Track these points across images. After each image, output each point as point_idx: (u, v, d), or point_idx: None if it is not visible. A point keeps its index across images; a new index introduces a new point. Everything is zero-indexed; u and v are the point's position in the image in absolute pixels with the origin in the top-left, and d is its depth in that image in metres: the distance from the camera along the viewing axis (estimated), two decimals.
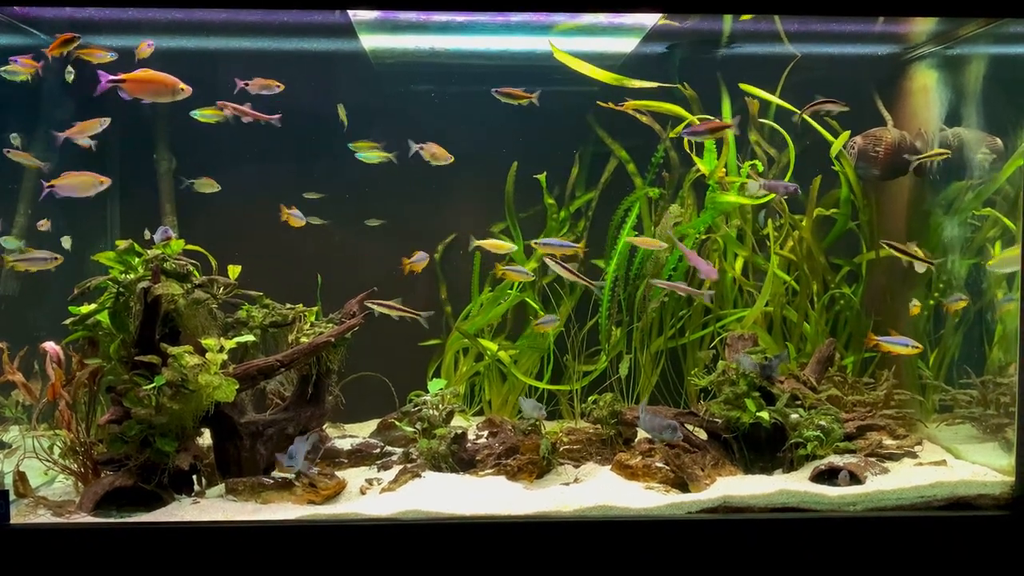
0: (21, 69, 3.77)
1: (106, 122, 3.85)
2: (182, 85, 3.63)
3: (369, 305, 3.98)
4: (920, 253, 4.03)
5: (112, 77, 3.59)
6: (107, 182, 3.82)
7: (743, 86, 4.51)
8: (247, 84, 3.96)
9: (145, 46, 3.85)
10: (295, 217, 4.37)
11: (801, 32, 4.41)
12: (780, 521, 3.22)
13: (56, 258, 3.92)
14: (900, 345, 3.93)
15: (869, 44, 4.57)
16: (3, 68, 3.79)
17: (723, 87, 4.56)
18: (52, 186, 3.75)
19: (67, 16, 4.01)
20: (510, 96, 4.10)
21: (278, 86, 4.05)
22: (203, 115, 4.09)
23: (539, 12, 3.97)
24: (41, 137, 4.12)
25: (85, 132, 3.85)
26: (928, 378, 4.36)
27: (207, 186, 4.38)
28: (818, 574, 3.15)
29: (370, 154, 4.34)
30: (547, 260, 4.23)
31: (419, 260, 4.34)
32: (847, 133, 4.40)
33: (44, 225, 4.10)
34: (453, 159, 4.30)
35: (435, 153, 4.21)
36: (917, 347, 3.94)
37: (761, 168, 4.51)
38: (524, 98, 4.08)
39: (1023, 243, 3.37)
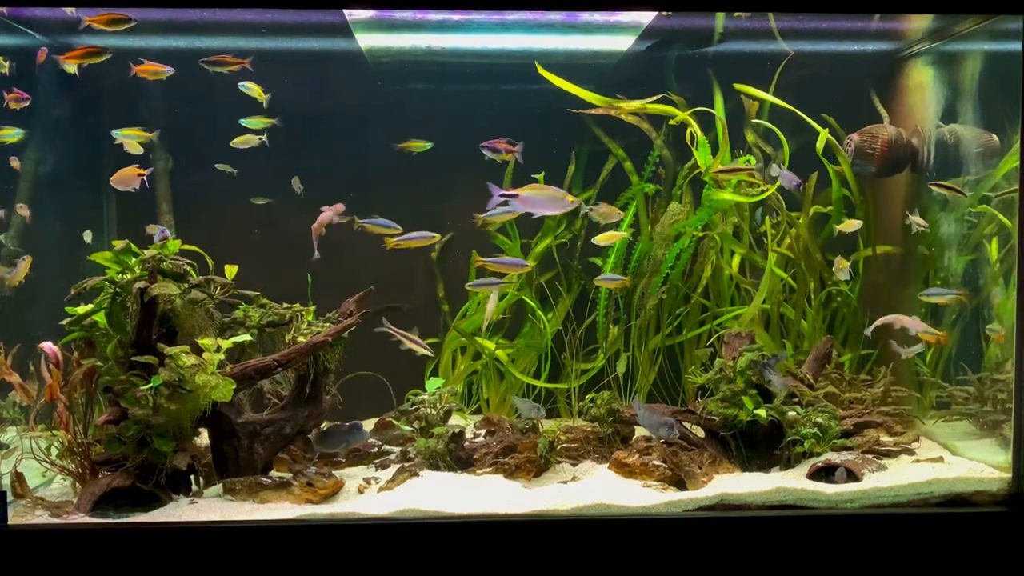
0: (15, 105, 3.84)
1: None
2: (571, 198, 3.76)
3: (389, 329, 3.96)
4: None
5: (504, 192, 3.75)
6: (145, 173, 3.93)
7: (737, 86, 4.51)
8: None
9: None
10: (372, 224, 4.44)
11: (797, 29, 4.41)
12: (777, 518, 3.22)
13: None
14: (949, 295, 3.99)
15: (865, 41, 4.57)
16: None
17: (716, 85, 4.56)
18: None
19: (61, 16, 3.99)
20: (220, 63, 4.05)
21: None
22: (124, 135, 4.17)
23: (535, 11, 3.97)
24: (37, 132, 4.13)
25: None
26: (925, 375, 4.37)
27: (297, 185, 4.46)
28: (815, 572, 3.16)
29: (254, 120, 4.34)
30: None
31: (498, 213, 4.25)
32: (826, 132, 4.41)
33: (23, 210, 4.09)
34: (622, 215, 4.38)
35: (604, 212, 4.27)
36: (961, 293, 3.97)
37: (755, 162, 4.51)
38: (236, 63, 4.02)
39: (1020, 240, 3.37)
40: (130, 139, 4.16)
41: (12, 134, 3.93)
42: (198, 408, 3.28)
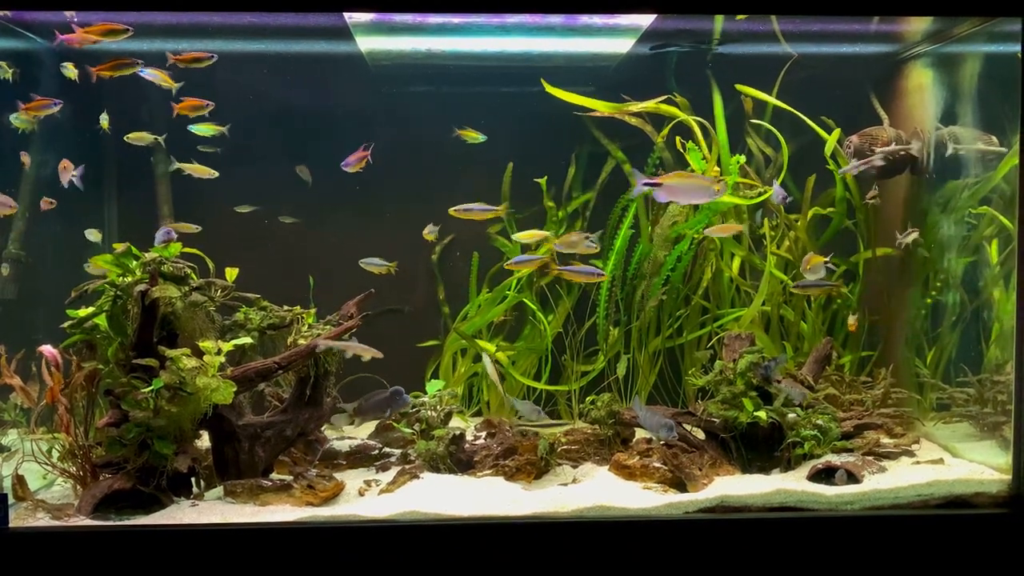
0: (27, 117, 3.90)
1: None
2: (717, 186, 3.60)
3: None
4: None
5: (648, 180, 3.62)
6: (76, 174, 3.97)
7: (739, 87, 4.51)
8: None
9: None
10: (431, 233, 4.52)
11: (798, 32, 4.41)
12: (777, 520, 3.22)
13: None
14: None
15: (865, 43, 4.58)
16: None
17: (715, 87, 4.55)
18: None
19: (63, 20, 4.00)
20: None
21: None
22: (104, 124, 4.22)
23: (535, 14, 3.97)
24: (40, 134, 4.14)
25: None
26: (926, 376, 4.37)
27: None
28: (816, 574, 3.16)
29: (203, 127, 4.34)
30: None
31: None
32: (835, 135, 4.41)
33: (46, 204, 4.10)
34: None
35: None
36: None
37: (743, 160, 4.50)
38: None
39: (1020, 242, 3.38)
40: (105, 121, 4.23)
41: (26, 121, 3.96)
42: (199, 410, 3.28)
